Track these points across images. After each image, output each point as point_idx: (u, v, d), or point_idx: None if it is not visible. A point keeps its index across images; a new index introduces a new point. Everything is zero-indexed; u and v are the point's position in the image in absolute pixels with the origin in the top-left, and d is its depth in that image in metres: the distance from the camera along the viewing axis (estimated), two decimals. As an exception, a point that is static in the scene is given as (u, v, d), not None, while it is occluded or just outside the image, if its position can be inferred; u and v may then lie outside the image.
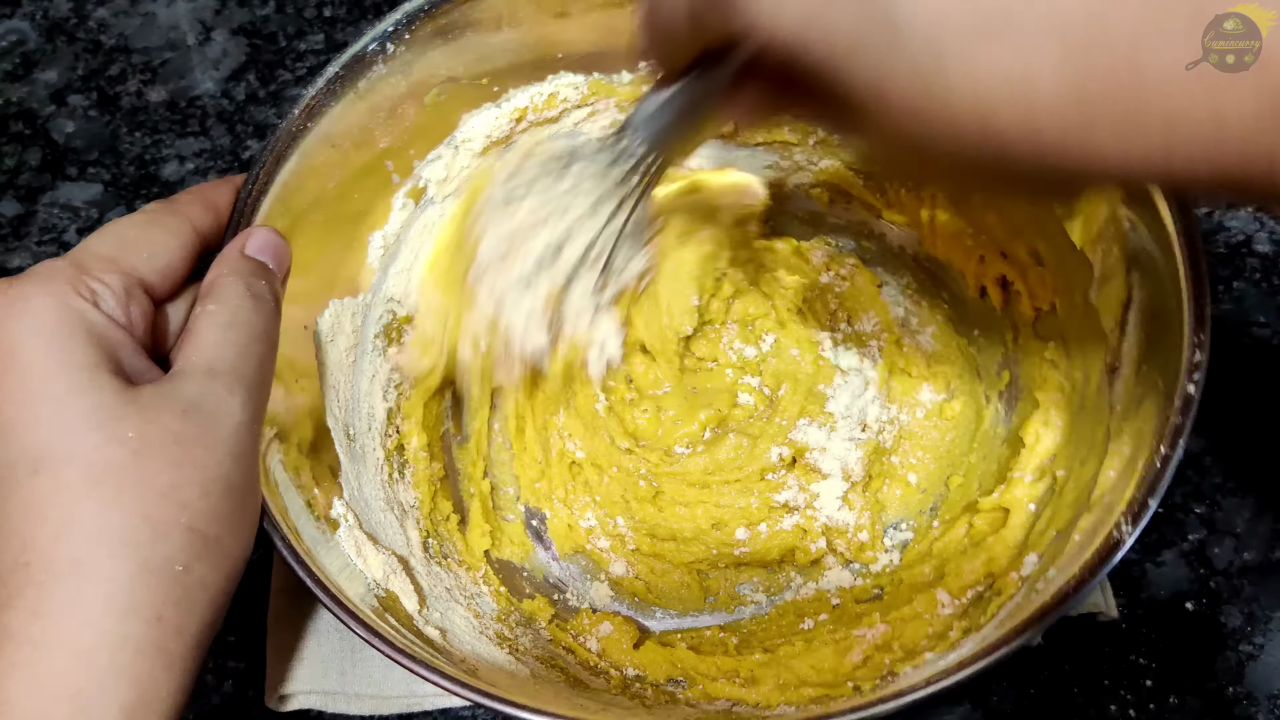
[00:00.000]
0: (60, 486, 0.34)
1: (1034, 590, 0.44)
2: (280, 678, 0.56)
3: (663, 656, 0.55)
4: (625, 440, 0.64)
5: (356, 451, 0.56)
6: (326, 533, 0.48)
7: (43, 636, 0.33)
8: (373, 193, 0.57)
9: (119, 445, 0.35)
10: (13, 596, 0.34)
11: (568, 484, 0.64)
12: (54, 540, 0.34)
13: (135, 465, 0.35)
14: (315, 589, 0.43)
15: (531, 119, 0.61)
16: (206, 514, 0.36)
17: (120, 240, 0.40)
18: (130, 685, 0.34)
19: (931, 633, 0.49)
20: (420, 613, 0.50)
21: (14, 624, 0.33)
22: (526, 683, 0.48)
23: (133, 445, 0.35)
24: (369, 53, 0.53)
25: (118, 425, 0.35)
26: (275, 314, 0.43)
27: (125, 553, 0.34)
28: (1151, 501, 0.40)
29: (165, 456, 0.35)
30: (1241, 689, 0.56)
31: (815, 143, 0.62)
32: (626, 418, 0.65)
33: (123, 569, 0.34)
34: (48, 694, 0.33)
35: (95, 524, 0.34)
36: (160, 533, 0.35)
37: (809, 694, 0.49)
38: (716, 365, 0.67)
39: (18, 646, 0.33)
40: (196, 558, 0.36)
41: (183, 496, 0.35)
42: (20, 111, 0.79)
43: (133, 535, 0.34)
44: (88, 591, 0.33)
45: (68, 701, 0.33)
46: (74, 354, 0.36)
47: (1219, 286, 0.68)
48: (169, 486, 0.35)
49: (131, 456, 0.35)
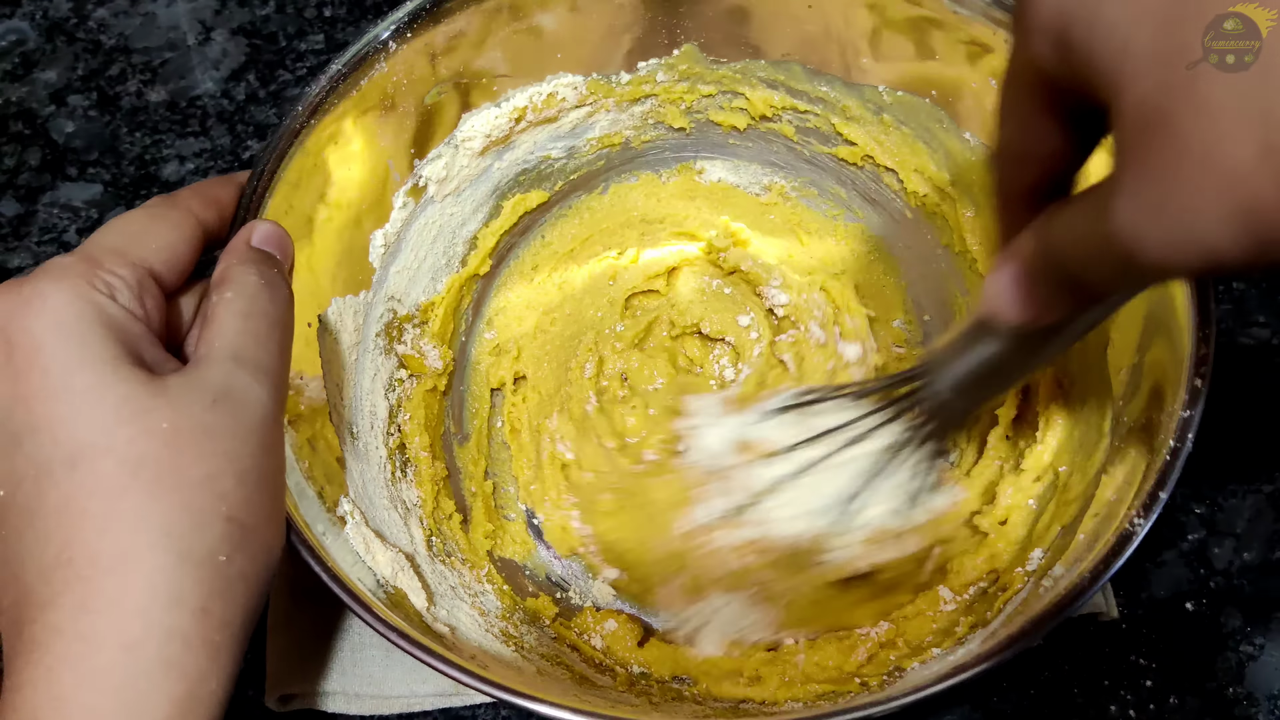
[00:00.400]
0: (99, 480, 0.34)
1: (1041, 585, 0.44)
2: (280, 678, 0.56)
3: (667, 654, 0.55)
4: (612, 439, 0.64)
5: (360, 450, 0.56)
6: (335, 529, 0.48)
7: (91, 631, 0.33)
8: (374, 191, 0.57)
9: (152, 437, 0.35)
10: (58, 594, 0.33)
11: (559, 485, 0.64)
12: (97, 535, 0.33)
13: (170, 456, 0.34)
14: (331, 583, 0.43)
15: (531, 119, 0.61)
16: (243, 504, 0.36)
17: (127, 234, 0.40)
18: (179, 678, 0.34)
19: (936, 629, 0.49)
20: (429, 610, 0.50)
21: (61, 621, 0.33)
22: (534, 680, 0.48)
23: (165, 436, 0.35)
24: (371, 51, 0.53)
25: (149, 417, 0.35)
26: (289, 302, 0.43)
27: (167, 544, 0.34)
28: (1162, 494, 0.40)
29: (199, 447, 0.35)
30: (1241, 689, 0.57)
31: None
32: (615, 416, 0.65)
33: (166, 560, 0.34)
34: (99, 688, 0.32)
35: (136, 516, 0.34)
36: (200, 523, 0.35)
37: (815, 690, 0.49)
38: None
39: (68, 643, 0.33)
40: (237, 548, 0.35)
41: (220, 486, 0.35)
42: (20, 111, 0.79)
43: (174, 526, 0.34)
44: (133, 584, 0.33)
45: (116, 694, 0.33)
46: (96, 348, 0.35)
47: (1219, 286, 0.69)
48: (205, 477, 0.35)
49: (165, 448, 0.35)
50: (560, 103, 0.62)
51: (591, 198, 0.69)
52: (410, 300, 0.62)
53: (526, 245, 0.69)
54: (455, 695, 0.57)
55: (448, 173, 0.60)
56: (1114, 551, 0.40)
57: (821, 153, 0.65)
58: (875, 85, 0.59)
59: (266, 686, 0.56)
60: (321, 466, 0.51)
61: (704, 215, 0.70)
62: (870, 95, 0.60)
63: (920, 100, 0.58)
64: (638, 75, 0.62)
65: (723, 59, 0.62)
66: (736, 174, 0.69)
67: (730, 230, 0.69)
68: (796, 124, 0.64)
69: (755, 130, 0.65)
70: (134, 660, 0.33)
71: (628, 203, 0.69)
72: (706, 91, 0.64)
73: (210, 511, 0.35)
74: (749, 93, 0.63)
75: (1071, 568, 0.43)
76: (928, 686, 0.39)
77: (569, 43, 0.60)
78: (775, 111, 0.64)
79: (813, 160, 0.66)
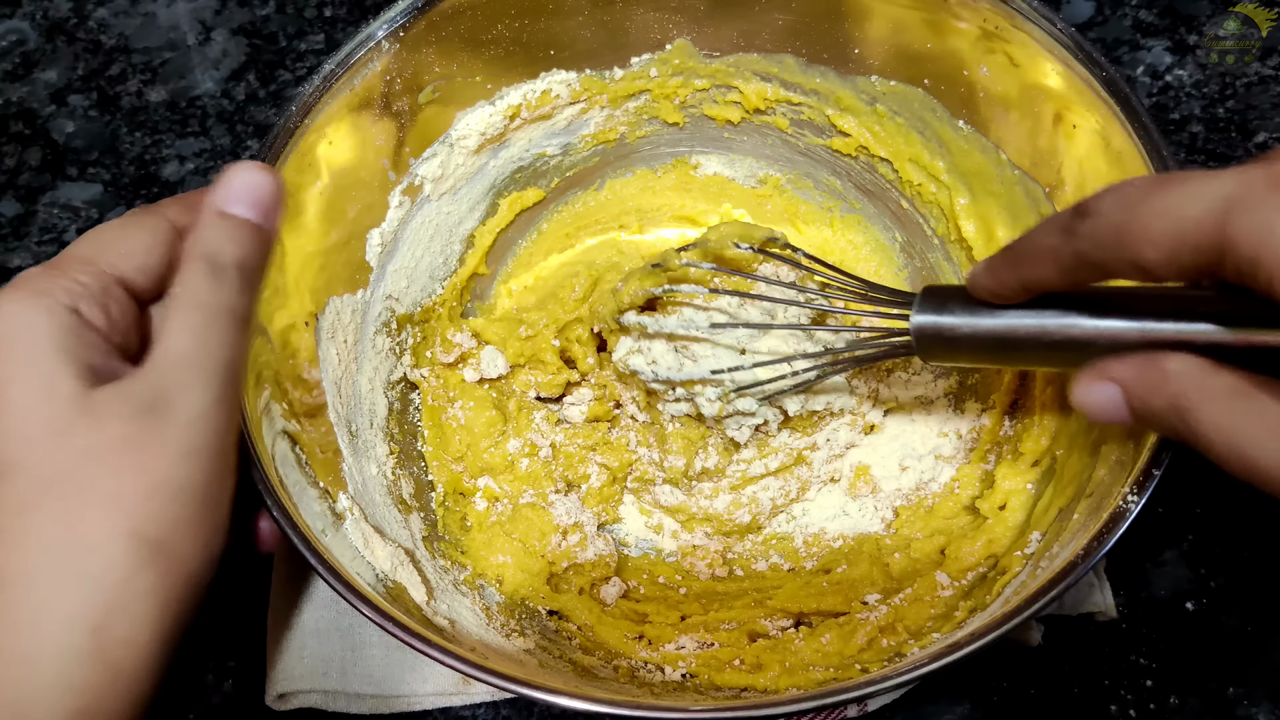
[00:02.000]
0: (15, 496, 0.35)
1: (1039, 567, 0.44)
2: (280, 677, 0.56)
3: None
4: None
5: (359, 447, 0.56)
6: (334, 525, 0.49)
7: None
8: (370, 190, 0.57)
9: (67, 454, 0.35)
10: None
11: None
12: (5, 551, 0.34)
13: (81, 473, 0.35)
14: (329, 577, 0.43)
15: (525, 116, 0.61)
16: (152, 519, 0.35)
17: (97, 242, 0.40)
18: (75, 694, 0.34)
19: (935, 614, 0.49)
20: (429, 604, 0.50)
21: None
22: (535, 672, 0.48)
23: (81, 452, 0.35)
24: (364, 51, 0.53)
25: (69, 433, 0.35)
26: (242, 285, 0.40)
27: (65, 562, 0.34)
28: (1156, 471, 0.40)
29: (109, 462, 0.35)
30: (1241, 689, 0.56)
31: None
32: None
33: (62, 578, 0.34)
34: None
35: (40, 534, 0.34)
36: (98, 541, 0.34)
37: (816, 676, 0.49)
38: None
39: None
40: (142, 565, 0.35)
41: (126, 502, 0.35)
42: (20, 111, 0.79)
43: (74, 543, 0.34)
44: (31, 601, 0.34)
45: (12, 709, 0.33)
46: (41, 363, 0.36)
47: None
48: (111, 493, 0.35)
49: (77, 465, 0.35)
50: (554, 99, 0.62)
51: (587, 194, 0.69)
52: (409, 299, 0.62)
53: (524, 243, 0.69)
54: (455, 695, 0.57)
55: (443, 171, 0.60)
56: (1107, 528, 0.40)
57: (816, 144, 0.65)
58: (868, 76, 0.59)
59: (266, 686, 0.56)
60: (320, 463, 0.51)
61: (701, 206, 0.70)
62: (863, 86, 0.60)
63: (914, 90, 0.58)
64: (631, 71, 0.63)
65: (715, 52, 0.62)
66: (732, 167, 0.69)
67: (731, 217, 0.69)
68: (790, 116, 0.64)
69: (749, 123, 0.66)
70: (29, 676, 0.33)
71: (623, 197, 0.70)
72: (700, 85, 0.64)
73: (110, 529, 0.35)
74: (742, 86, 0.63)
75: (1066, 547, 0.43)
76: (922, 665, 0.39)
77: (562, 39, 0.60)
78: (769, 104, 0.64)
79: (807, 152, 0.66)
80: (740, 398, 0.57)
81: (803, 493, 0.62)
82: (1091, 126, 0.50)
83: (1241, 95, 0.73)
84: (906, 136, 0.60)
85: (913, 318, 0.46)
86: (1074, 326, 0.40)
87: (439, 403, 0.63)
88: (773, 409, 0.59)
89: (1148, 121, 0.47)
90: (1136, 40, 0.77)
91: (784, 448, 0.63)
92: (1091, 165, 0.51)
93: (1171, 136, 0.73)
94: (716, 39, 0.61)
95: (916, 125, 0.59)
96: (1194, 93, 0.74)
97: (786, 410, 0.60)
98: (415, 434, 0.62)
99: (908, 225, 0.65)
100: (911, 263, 0.66)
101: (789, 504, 0.62)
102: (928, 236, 0.63)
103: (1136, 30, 0.77)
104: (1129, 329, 0.38)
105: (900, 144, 0.61)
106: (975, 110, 0.56)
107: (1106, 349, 0.39)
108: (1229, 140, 0.72)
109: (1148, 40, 0.77)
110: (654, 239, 0.70)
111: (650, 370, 0.58)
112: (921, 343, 0.46)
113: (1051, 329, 0.41)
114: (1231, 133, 0.73)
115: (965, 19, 0.53)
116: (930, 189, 0.61)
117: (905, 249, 0.66)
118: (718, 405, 0.58)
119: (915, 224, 0.64)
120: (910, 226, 0.64)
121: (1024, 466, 0.53)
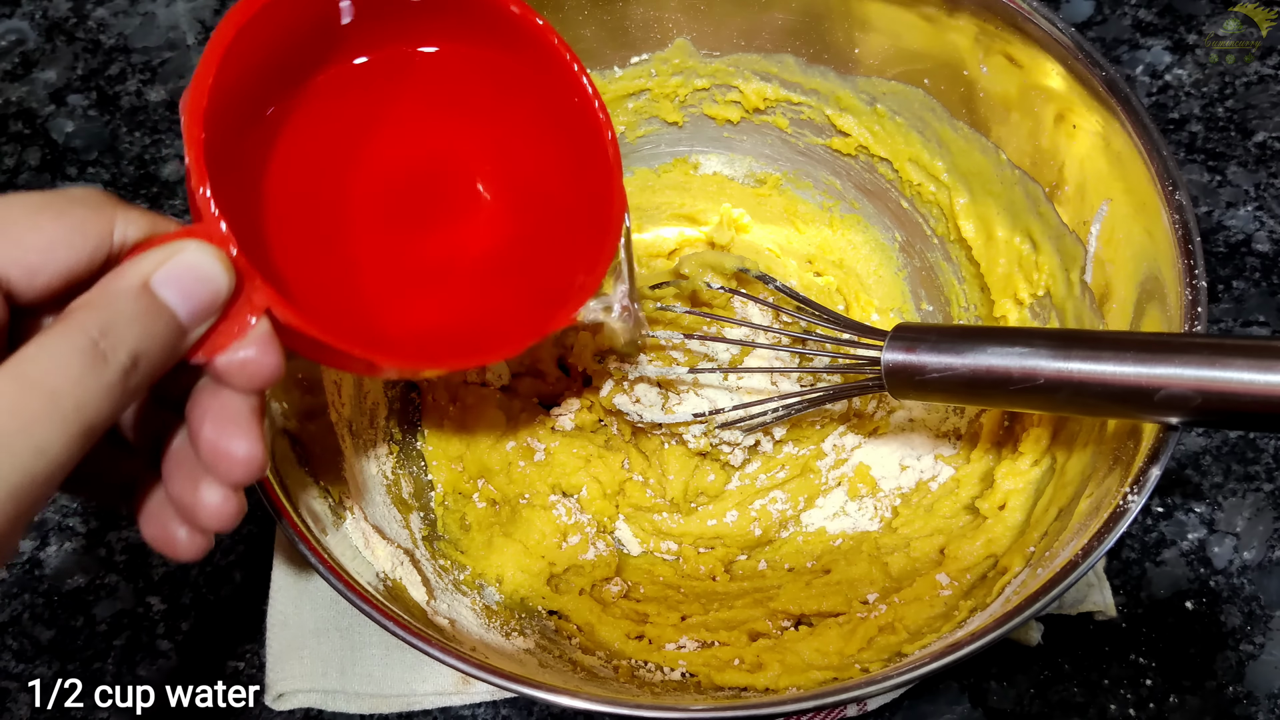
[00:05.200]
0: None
1: (1039, 567, 0.44)
2: (280, 676, 0.56)
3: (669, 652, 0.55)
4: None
5: (359, 447, 0.56)
6: (334, 525, 0.49)
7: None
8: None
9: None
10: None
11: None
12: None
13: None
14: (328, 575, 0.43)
15: (527, 116, 0.61)
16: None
17: None
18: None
19: (935, 613, 0.49)
20: (429, 603, 0.50)
21: None
22: (535, 672, 0.48)
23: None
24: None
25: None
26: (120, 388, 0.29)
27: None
28: (1154, 470, 0.40)
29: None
30: (1241, 688, 0.56)
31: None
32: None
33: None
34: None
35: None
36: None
37: (817, 677, 0.49)
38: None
39: None
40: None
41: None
42: (20, 111, 0.79)
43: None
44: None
45: None
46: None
47: (1219, 286, 0.68)
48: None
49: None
50: (555, 99, 0.61)
51: (587, 193, 0.69)
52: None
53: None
54: (455, 694, 0.57)
55: (443, 171, 0.60)
56: (1107, 528, 0.40)
57: (815, 144, 0.65)
58: (868, 76, 0.59)
59: (266, 686, 0.56)
60: (320, 463, 0.51)
61: (701, 205, 0.70)
62: (863, 86, 0.60)
63: (913, 90, 0.58)
64: (630, 69, 0.62)
65: (715, 52, 0.62)
66: (731, 167, 0.69)
67: (731, 217, 0.69)
68: (790, 116, 0.64)
69: (749, 123, 0.66)
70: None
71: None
72: (700, 85, 0.64)
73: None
74: (742, 85, 0.63)
75: (1066, 547, 0.43)
76: (922, 665, 0.39)
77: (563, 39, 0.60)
78: (769, 104, 0.64)
79: (807, 152, 0.66)
80: (725, 430, 0.59)
81: (811, 501, 0.62)
82: (1091, 126, 0.50)
83: (1241, 95, 0.73)
84: (906, 136, 0.60)
85: (884, 355, 0.46)
86: (1039, 369, 0.41)
87: (439, 402, 0.63)
88: (761, 433, 0.61)
89: (1148, 121, 0.47)
90: (1136, 40, 0.77)
91: (790, 459, 0.63)
92: (1091, 165, 0.51)
93: (1171, 136, 0.73)
94: (716, 38, 0.61)
95: (916, 125, 0.59)
96: (1193, 92, 0.74)
97: (774, 434, 0.62)
98: (415, 434, 0.62)
99: (907, 225, 0.65)
100: (911, 262, 0.66)
101: (799, 514, 0.62)
102: (927, 236, 0.64)
103: (1136, 30, 0.78)
104: (1093, 372, 0.40)
105: (900, 144, 0.61)
106: (975, 110, 0.56)
107: (1073, 392, 0.40)
108: (1228, 139, 0.72)
109: (1147, 40, 0.77)
110: (653, 238, 0.70)
111: (635, 411, 0.60)
112: (891, 380, 0.47)
113: (1015, 371, 0.41)
114: (1231, 132, 0.73)
115: (965, 19, 0.53)
116: (930, 189, 0.61)
117: (905, 248, 0.66)
118: (704, 441, 0.60)
119: (915, 224, 0.64)
120: (910, 226, 0.65)
121: (1024, 466, 0.53)
